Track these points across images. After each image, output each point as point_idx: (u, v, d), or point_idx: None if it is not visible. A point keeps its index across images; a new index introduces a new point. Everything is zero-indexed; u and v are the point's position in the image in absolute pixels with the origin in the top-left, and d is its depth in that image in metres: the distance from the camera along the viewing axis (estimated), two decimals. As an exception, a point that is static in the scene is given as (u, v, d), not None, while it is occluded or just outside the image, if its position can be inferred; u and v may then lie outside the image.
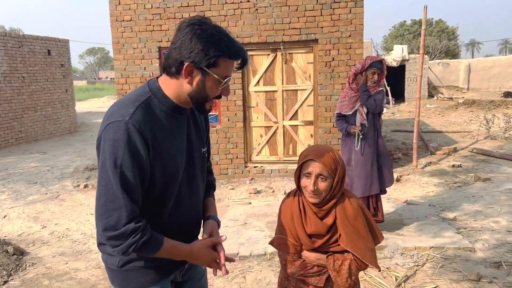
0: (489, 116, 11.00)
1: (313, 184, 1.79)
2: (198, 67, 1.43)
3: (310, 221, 1.87)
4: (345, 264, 1.84)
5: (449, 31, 48.44)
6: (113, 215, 1.38)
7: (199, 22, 1.43)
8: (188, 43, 1.41)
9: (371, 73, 4.19)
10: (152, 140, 1.44)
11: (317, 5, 6.73)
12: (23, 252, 4.51)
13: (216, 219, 1.83)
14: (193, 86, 1.48)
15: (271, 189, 6.57)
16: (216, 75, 1.45)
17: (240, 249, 4.23)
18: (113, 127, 1.40)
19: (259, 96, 7.26)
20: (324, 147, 1.87)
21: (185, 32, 1.42)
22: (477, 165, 7.58)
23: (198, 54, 1.41)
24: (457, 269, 3.69)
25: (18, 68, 12.19)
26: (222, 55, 1.43)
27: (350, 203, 1.86)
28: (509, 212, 5.09)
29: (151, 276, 1.60)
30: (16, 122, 12.21)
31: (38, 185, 7.48)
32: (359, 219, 1.84)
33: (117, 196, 1.37)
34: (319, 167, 1.78)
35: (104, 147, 1.40)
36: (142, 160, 1.42)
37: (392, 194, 6.05)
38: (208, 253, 1.59)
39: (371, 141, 4.32)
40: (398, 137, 10.74)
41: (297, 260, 1.92)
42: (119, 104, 1.48)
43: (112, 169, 1.38)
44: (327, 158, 1.79)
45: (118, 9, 7.15)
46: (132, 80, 7.31)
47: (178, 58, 1.43)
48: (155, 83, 1.54)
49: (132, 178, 1.40)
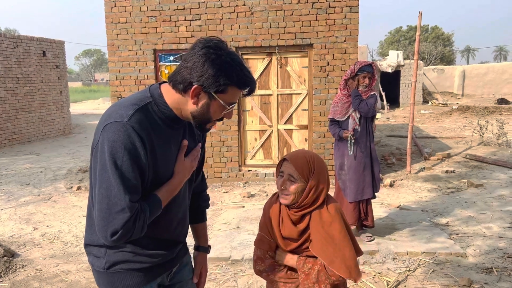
0: (482, 123, 11.07)
1: (281, 183, 1.81)
2: (206, 91, 1.44)
3: (284, 224, 1.87)
4: (314, 269, 1.80)
5: (444, 38, 48.84)
6: (118, 218, 1.37)
7: (215, 46, 1.43)
8: (200, 66, 1.40)
9: (362, 77, 4.20)
10: (149, 145, 1.44)
11: (312, 10, 6.76)
12: (14, 254, 4.47)
13: (206, 250, 1.96)
14: (197, 107, 1.48)
15: (265, 193, 6.56)
16: (222, 101, 1.47)
17: (232, 252, 4.22)
18: (111, 128, 1.39)
19: (254, 100, 7.26)
20: (305, 152, 1.85)
21: (199, 54, 1.41)
22: (470, 171, 7.62)
23: (208, 79, 1.41)
24: (449, 274, 3.69)
25: (12, 69, 12.14)
26: (231, 84, 1.44)
27: (327, 209, 1.82)
28: (501, 218, 5.11)
29: (138, 279, 1.59)
30: (10, 123, 12.14)
31: (30, 186, 7.44)
32: (335, 226, 1.79)
33: (120, 198, 1.37)
34: (290, 168, 1.79)
35: (103, 149, 1.39)
36: (142, 162, 1.42)
37: (385, 199, 6.06)
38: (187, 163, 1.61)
39: (363, 146, 4.33)
40: (393, 142, 10.78)
41: (268, 258, 1.91)
42: (118, 106, 1.47)
43: (113, 171, 1.37)
44: (301, 161, 1.79)
45: (113, 11, 7.15)
46: (127, 82, 7.30)
47: (187, 78, 1.43)
48: (157, 89, 1.53)
49: (133, 179, 1.40)
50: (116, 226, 1.38)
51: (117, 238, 1.40)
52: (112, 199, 1.37)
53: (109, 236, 1.40)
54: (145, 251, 1.57)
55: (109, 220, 1.38)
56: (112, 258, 1.55)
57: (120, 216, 1.38)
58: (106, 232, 1.39)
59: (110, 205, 1.38)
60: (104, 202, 1.38)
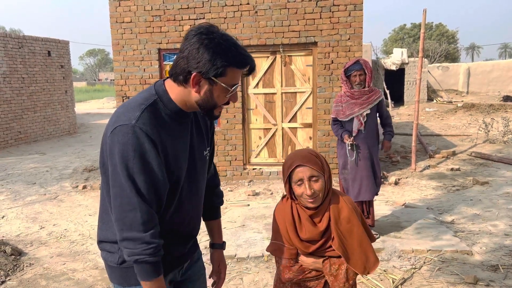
0: (488, 120, 11.02)
1: (308, 188, 1.75)
2: (206, 77, 1.44)
3: (304, 228, 1.84)
4: (342, 269, 1.80)
5: (449, 35, 48.59)
6: (129, 216, 1.41)
7: (206, 31, 1.43)
8: (195, 53, 1.41)
9: (353, 77, 4.21)
10: (159, 143, 1.45)
11: (316, 8, 6.76)
12: (21, 253, 4.51)
13: (222, 247, 1.97)
14: (201, 95, 1.49)
15: (270, 191, 6.57)
16: (223, 84, 1.46)
17: (237, 250, 4.23)
18: (121, 131, 1.40)
19: (258, 98, 7.27)
20: (302, 150, 1.87)
21: (192, 41, 1.42)
22: (476, 168, 7.59)
23: (206, 64, 1.41)
24: (454, 272, 3.69)
25: (18, 69, 12.20)
26: (229, 65, 1.43)
27: (345, 203, 1.83)
28: (507, 215, 5.10)
29: None
30: (16, 122, 12.21)
31: (37, 185, 7.48)
32: (354, 222, 1.81)
33: (131, 198, 1.40)
34: (308, 170, 1.76)
35: (113, 152, 1.41)
36: (153, 162, 1.43)
37: (390, 197, 6.06)
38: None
39: (367, 147, 4.32)
40: (397, 140, 10.75)
41: (294, 265, 1.90)
42: (125, 108, 1.48)
43: (124, 174, 1.40)
44: (312, 158, 1.79)
45: (118, 10, 7.17)
46: (132, 82, 7.32)
47: (185, 67, 1.44)
48: (161, 86, 1.54)
49: (144, 181, 1.41)
50: (127, 222, 1.41)
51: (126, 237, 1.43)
52: (124, 199, 1.41)
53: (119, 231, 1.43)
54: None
55: (121, 217, 1.42)
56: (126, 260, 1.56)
57: (131, 214, 1.41)
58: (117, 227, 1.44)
59: (123, 204, 1.41)
60: (117, 200, 1.42)
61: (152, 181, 1.44)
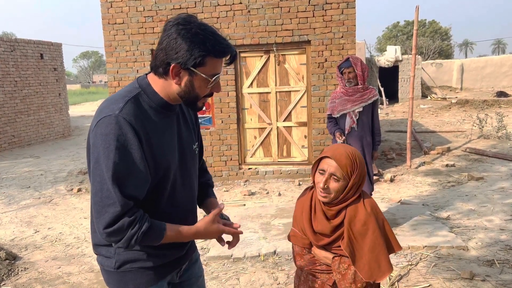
0: (482, 116, 11.06)
1: (324, 182, 1.74)
2: (185, 68, 1.42)
3: (317, 219, 1.83)
4: (350, 269, 1.76)
5: (442, 32, 48.78)
6: (109, 211, 1.37)
7: (183, 22, 1.42)
8: (173, 43, 1.40)
9: (344, 74, 4.28)
10: (143, 134, 1.43)
11: (309, 6, 6.75)
12: (16, 257, 4.47)
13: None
14: (181, 86, 1.47)
15: (266, 191, 6.56)
16: (203, 74, 1.44)
17: (234, 250, 4.21)
18: (104, 122, 1.38)
19: (253, 98, 7.26)
20: (346, 148, 1.80)
21: (170, 32, 1.41)
22: (471, 164, 7.62)
23: (184, 55, 1.39)
24: (451, 267, 3.70)
25: (10, 72, 12.12)
26: (207, 54, 1.41)
27: (364, 206, 1.77)
28: (502, 210, 5.11)
29: (148, 277, 1.59)
30: (9, 126, 12.13)
31: (31, 189, 7.43)
32: (370, 225, 1.75)
33: (110, 191, 1.37)
34: (333, 167, 1.73)
35: (96, 143, 1.39)
36: (136, 153, 1.40)
37: (386, 194, 6.07)
38: (215, 228, 1.59)
39: (360, 145, 4.32)
40: (392, 137, 10.78)
41: (306, 254, 1.90)
42: (109, 101, 1.47)
43: (106, 164, 1.37)
44: (345, 159, 1.73)
45: (110, 12, 7.14)
46: (125, 83, 7.28)
47: (164, 59, 1.43)
48: (144, 80, 1.53)
49: (126, 172, 1.39)
50: (107, 219, 1.38)
51: (109, 232, 1.39)
52: (104, 192, 1.37)
53: (101, 229, 1.39)
54: (156, 249, 1.57)
55: (101, 213, 1.38)
56: (122, 257, 1.55)
57: (111, 209, 1.37)
58: (98, 225, 1.40)
59: (103, 198, 1.38)
60: (97, 195, 1.38)
61: (132, 172, 1.41)
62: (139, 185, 1.44)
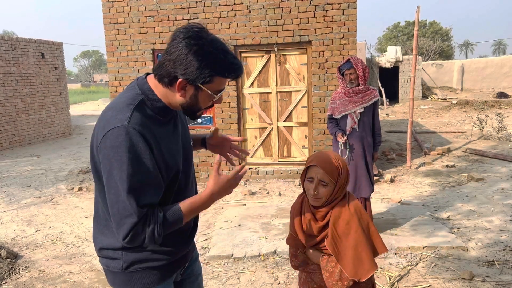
0: (482, 117, 11.07)
1: (314, 189, 1.86)
2: (192, 84, 1.44)
3: (306, 221, 1.95)
4: (337, 267, 1.86)
5: (442, 32, 48.74)
6: (127, 222, 1.39)
7: (195, 36, 1.40)
8: (183, 58, 1.39)
9: (345, 75, 4.28)
10: (153, 141, 1.45)
11: (310, 7, 6.76)
12: (17, 256, 4.48)
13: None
14: (186, 98, 1.49)
15: (266, 191, 6.57)
16: (209, 90, 1.47)
17: (234, 250, 4.23)
18: (113, 134, 1.38)
19: (253, 98, 7.27)
20: (329, 154, 1.92)
21: (180, 46, 1.40)
22: (471, 165, 7.63)
23: (193, 72, 1.40)
24: (450, 268, 3.71)
25: (11, 71, 12.13)
26: (216, 74, 1.43)
27: (348, 207, 1.89)
28: (502, 211, 5.12)
29: (155, 277, 1.61)
30: (10, 125, 12.14)
31: (32, 188, 7.44)
32: (352, 224, 1.85)
33: (126, 203, 1.38)
34: (321, 174, 1.85)
35: (108, 156, 1.39)
36: (148, 161, 1.41)
37: (386, 194, 6.08)
38: (223, 179, 1.55)
39: (361, 145, 4.32)
40: (392, 138, 10.79)
41: (300, 255, 2.04)
42: (113, 110, 1.46)
43: (120, 177, 1.38)
44: (330, 165, 1.85)
45: (111, 11, 7.15)
46: (126, 83, 7.29)
47: (171, 72, 1.42)
48: (145, 84, 1.52)
49: (140, 182, 1.40)
50: (125, 230, 1.40)
51: (128, 241, 1.41)
52: (121, 204, 1.39)
53: (122, 239, 1.42)
54: (162, 248, 1.59)
55: (120, 225, 1.41)
56: (130, 258, 1.56)
57: (128, 221, 1.40)
58: (119, 235, 1.43)
59: (120, 210, 1.40)
60: (114, 207, 1.41)
61: (147, 181, 1.42)
62: (154, 193, 1.45)
